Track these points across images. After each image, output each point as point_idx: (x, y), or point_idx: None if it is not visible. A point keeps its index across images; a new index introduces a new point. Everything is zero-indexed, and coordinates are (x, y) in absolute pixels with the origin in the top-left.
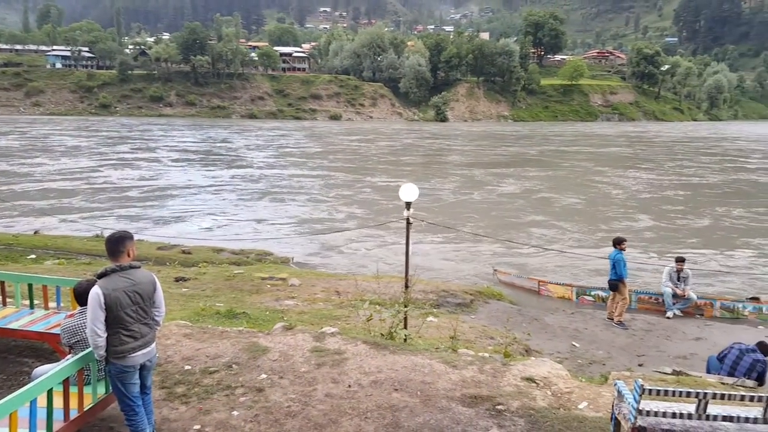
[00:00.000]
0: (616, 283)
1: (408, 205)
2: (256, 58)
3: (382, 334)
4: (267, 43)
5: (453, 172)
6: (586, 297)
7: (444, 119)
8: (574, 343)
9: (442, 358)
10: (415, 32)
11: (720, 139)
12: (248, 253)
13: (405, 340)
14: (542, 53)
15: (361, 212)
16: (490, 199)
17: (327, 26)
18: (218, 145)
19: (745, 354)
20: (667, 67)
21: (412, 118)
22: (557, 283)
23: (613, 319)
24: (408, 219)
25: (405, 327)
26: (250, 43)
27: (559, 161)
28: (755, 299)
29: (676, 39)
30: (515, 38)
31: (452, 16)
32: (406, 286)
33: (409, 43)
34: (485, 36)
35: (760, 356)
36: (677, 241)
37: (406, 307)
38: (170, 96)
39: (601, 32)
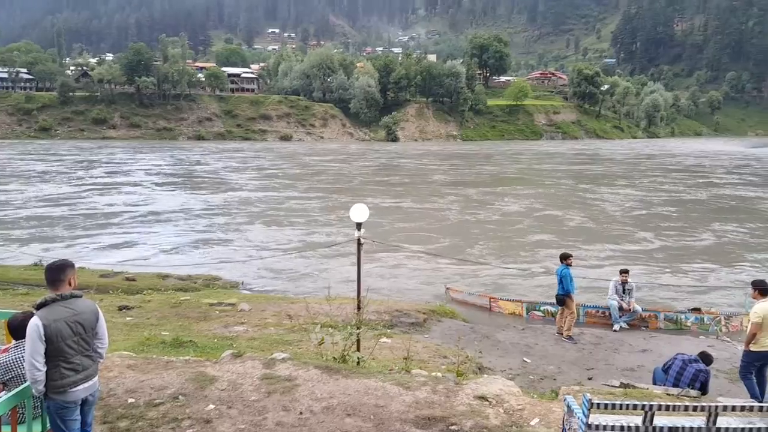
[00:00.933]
0: (563, 298)
1: (359, 225)
2: (204, 79)
3: (334, 358)
4: (214, 64)
5: (447, 191)
6: (536, 312)
7: (395, 139)
8: (525, 359)
9: (395, 380)
10: (365, 54)
11: (676, 155)
12: (196, 278)
13: (358, 363)
14: (488, 75)
15: (323, 232)
16: (493, 219)
17: (276, 47)
18: (178, 166)
19: (687, 364)
20: (606, 87)
21: (364, 138)
22: (508, 300)
23: (562, 334)
24: (359, 240)
25: (358, 349)
26: (197, 64)
27: (540, 179)
28: (696, 310)
29: (614, 60)
30: (461, 60)
31: (400, 38)
32: (359, 308)
33: (358, 65)
34: (433, 58)
35: (702, 366)
36: (624, 256)
37: (358, 329)
38: (114, 118)
39: (543, 54)
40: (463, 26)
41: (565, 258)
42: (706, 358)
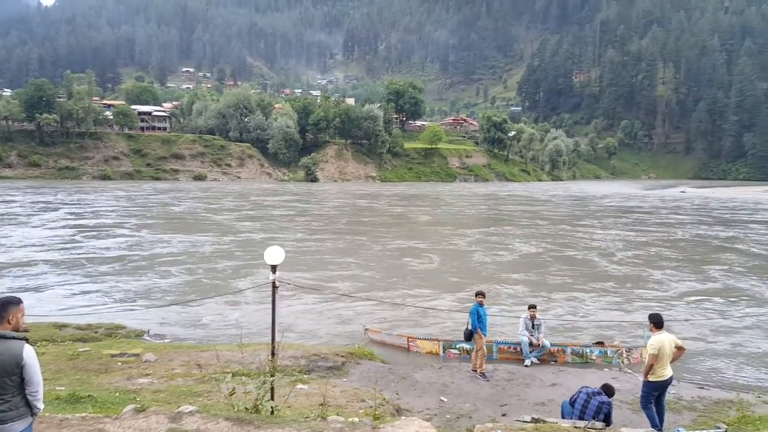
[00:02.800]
0: (470, 335)
1: (274, 268)
2: (112, 117)
3: (246, 408)
4: (124, 102)
5: (367, 231)
6: (452, 350)
7: (315, 179)
8: (442, 398)
9: (310, 427)
10: (283, 95)
11: (578, 195)
12: (97, 327)
13: (272, 412)
14: (404, 119)
15: (238, 275)
16: (416, 260)
17: (190, 86)
18: (77, 206)
19: (591, 397)
20: (513, 133)
21: (282, 178)
22: (425, 339)
23: (476, 371)
24: (274, 283)
25: (272, 398)
26: (105, 101)
27: (461, 219)
28: (600, 344)
29: (520, 108)
30: (379, 104)
31: (319, 81)
32: (273, 354)
33: (276, 105)
34: (351, 101)
35: (605, 398)
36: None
37: (272, 376)
38: (10, 156)
39: (455, 101)
40: (379, 72)
41: (478, 295)
42: (608, 389)
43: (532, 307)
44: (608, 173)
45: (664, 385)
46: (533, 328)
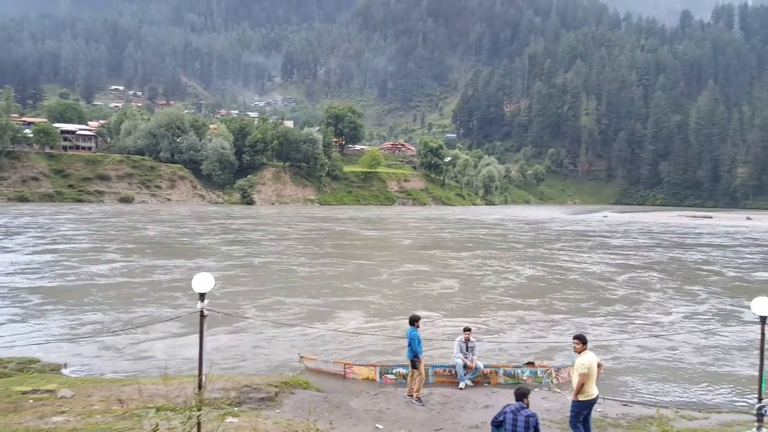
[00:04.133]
0: (414, 360)
1: (202, 296)
2: (32, 135)
3: None
4: (46, 120)
5: (304, 255)
6: (388, 376)
7: (251, 202)
8: (377, 425)
9: None
10: (218, 116)
11: (549, 220)
12: (7, 362)
13: None
14: (344, 143)
15: (164, 304)
16: (353, 285)
17: (119, 105)
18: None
19: (518, 414)
20: (449, 158)
21: (216, 200)
22: (361, 365)
23: (412, 396)
24: (202, 312)
25: None
26: (24, 119)
27: (395, 241)
28: (530, 364)
29: (455, 135)
30: (318, 128)
31: (257, 103)
32: (200, 386)
33: (211, 126)
34: (290, 124)
35: (529, 411)
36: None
37: (199, 410)
38: None
39: (393, 126)
40: (319, 96)
41: (414, 321)
42: (520, 393)
43: (466, 329)
44: (537, 198)
45: (592, 403)
46: (467, 351)
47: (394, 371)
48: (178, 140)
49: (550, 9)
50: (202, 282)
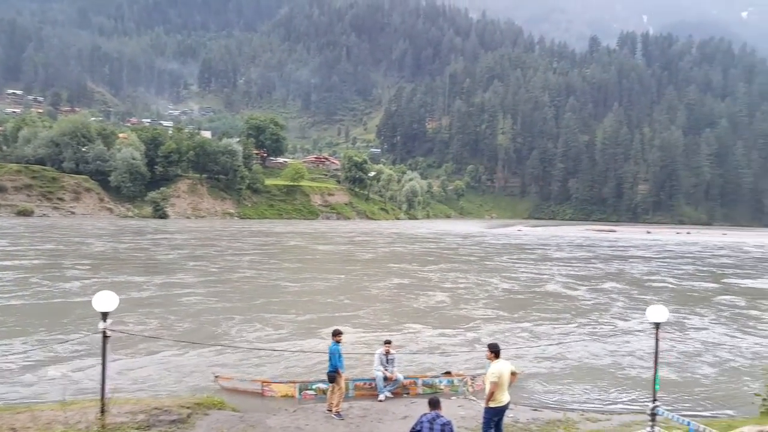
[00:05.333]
0: (333, 375)
1: (104, 315)
2: None
3: None
4: None
5: (216, 271)
6: (308, 392)
7: (164, 216)
8: None
9: None
10: (129, 125)
11: (480, 234)
12: None
13: None
14: (265, 155)
15: (63, 322)
16: (269, 300)
17: (17, 110)
18: None
19: (434, 422)
20: (373, 173)
21: (126, 214)
22: (280, 382)
23: (332, 411)
24: (104, 332)
25: None
26: None
27: (317, 257)
28: (448, 373)
29: (379, 150)
30: (238, 139)
31: (171, 112)
32: (102, 411)
33: (121, 135)
34: (207, 134)
35: (444, 419)
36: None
37: None
38: None
39: (318, 140)
40: (238, 106)
41: (335, 335)
42: (436, 402)
43: (387, 342)
44: (457, 213)
45: (503, 410)
46: (387, 363)
47: (313, 387)
48: (83, 149)
49: (470, 30)
50: (105, 301)
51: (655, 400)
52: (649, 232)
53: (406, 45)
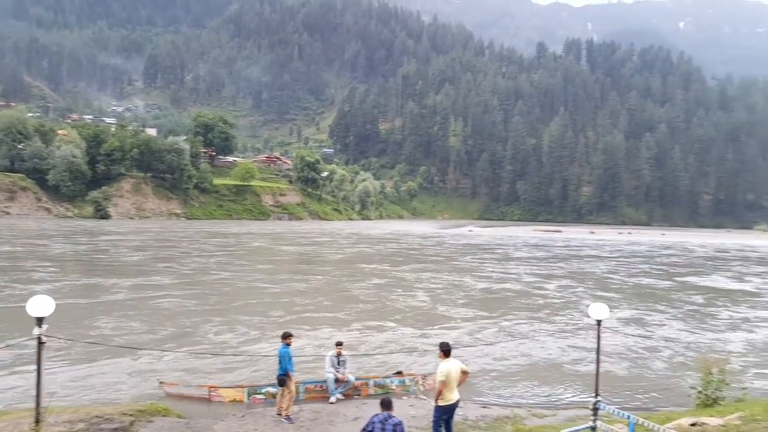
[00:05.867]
0: (283, 378)
1: (39, 321)
2: None
3: None
4: None
5: (160, 274)
6: (257, 396)
7: (106, 216)
8: None
9: None
10: (69, 121)
11: (438, 235)
12: None
13: None
14: (214, 154)
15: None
16: (217, 303)
17: None
18: None
19: (385, 423)
20: (326, 173)
21: (65, 214)
22: (228, 387)
23: (281, 415)
24: (39, 338)
25: None
26: None
27: (263, 257)
28: (399, 373)
29: (332, 150)
30: (185, 137)
31: (114, 108)
32: (37, 421)
33: (60, 132)
34: (153, 132)
35: (396, 419)
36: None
37: None
38: None
39: (269, 139)
40: (186, 103)
41: (285, 337)
42: (387, 403)
43: (339, 344)
44: (410, 213)
45: (452, 408)
46: (339, 365)
47: (263, 391)
48: (19, 147)
49: (422, 33)
50: (40, 305)
51: (597, 395)
52: (592, 233)
53: (359, 45)
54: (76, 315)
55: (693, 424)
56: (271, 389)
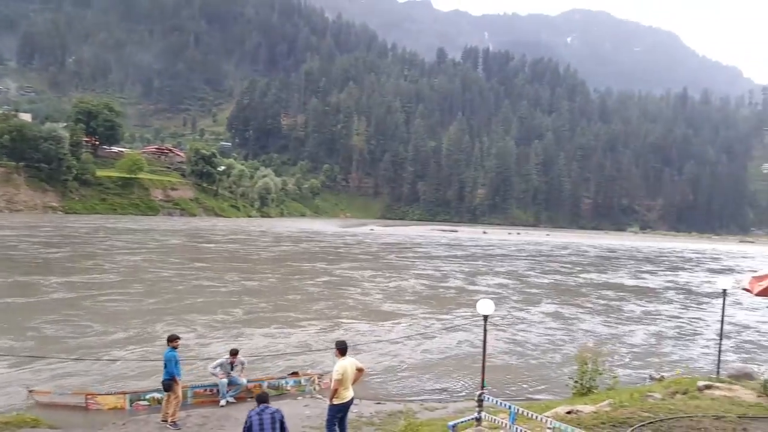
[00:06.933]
0: (169, 383)
1: None
2: None
3: None
4: None
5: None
6: (140, 402)
7: None
8: None
9: None
10: None
11: (353, 234)
12: None
13: None
14: (98, 143)
15: None
16: (91, 304)
17: None
18: None
19: (262, 414)
20: (223, 168)
21: None
22: (108, 393)
23: (167, 421)
24: None
25: None
26: None
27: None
28: (295, 374)
29: (230, 144)
30: (65, 124)
31: None
32: None
33: None
34: (27, 117)
35: (271, 408)
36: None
37: None
38: None
39: (160, 129)
40: (67, 88)
41: (171, 340)
42: (263, 397)
43: (233, 353)
44: (312, 211)
45: (347, 406)
46: (232, 370)
47: (147, 397)
48: None
49: (326, 30)
50: None
51: (483, 387)
52: (485, 232)
53: (260, 38)
54: None
55: (569, 412)
56: (156, 395)
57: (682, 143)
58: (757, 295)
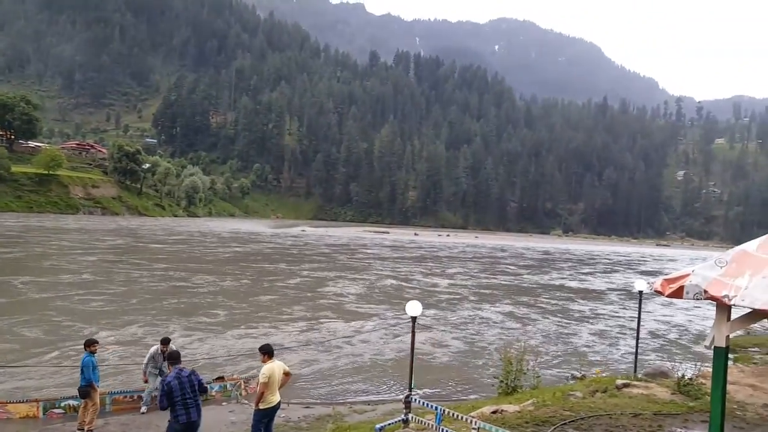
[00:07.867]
0: (86, 390)
1: None
2: None
3: None
4: None
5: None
6: (55, 411)
7: None
8: None
9: None
10: None
11: (296, 235)
12: None
13: None
14: (13, 137)
15: None
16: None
17: None
18: None
19: (181, 375)
20: (148, 165)
21: None
22: (19, 401)
23: (83, 430)
24: None
25: None
26: None
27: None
28: (220, 378)
29: (155, 141)
30: None
31: None
32: None
33: None
34: None
35: (187, 370)
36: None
37: None
38: None
39: (81, 124)
40: None
41: (88, 345)
42: (174, 357)
43: (164, 342)
44: (242, 211)
45: (273, 410)
46: (163, 361)
47: (62, 404)
48: None
49: (257, 28)
50: None
51: (410, 389)
52: (416, 234)
53: (189, 33)
54: None
55: (494, 412)
56: (73, 402)
57: (602, 150)
58: (669, 296)
